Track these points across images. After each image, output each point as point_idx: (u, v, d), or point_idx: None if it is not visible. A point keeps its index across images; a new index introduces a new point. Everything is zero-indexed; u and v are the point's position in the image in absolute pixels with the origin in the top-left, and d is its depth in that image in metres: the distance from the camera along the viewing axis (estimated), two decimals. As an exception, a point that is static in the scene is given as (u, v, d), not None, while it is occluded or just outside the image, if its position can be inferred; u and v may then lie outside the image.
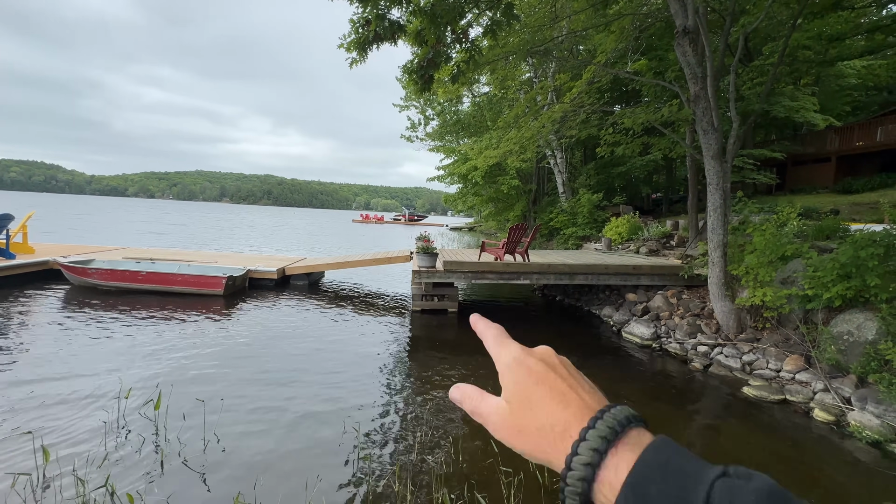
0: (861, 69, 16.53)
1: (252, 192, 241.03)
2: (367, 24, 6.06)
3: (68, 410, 4.05)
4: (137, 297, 8.50)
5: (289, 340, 6.50)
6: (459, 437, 3.91)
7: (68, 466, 3.22)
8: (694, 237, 10.27)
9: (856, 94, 17.34)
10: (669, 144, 10.98)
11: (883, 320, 4.86)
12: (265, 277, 10.20)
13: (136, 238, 20.83)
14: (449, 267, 8.21)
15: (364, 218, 68.85)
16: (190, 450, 3.54)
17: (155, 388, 4.52)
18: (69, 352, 5.50)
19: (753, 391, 5.29)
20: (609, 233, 12.86)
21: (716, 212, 6.64)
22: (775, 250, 6.29)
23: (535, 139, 12.23)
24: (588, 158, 18.97)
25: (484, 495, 3.07)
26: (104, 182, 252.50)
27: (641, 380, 5.68)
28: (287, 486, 3.15)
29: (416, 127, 22.37)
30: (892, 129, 14.06)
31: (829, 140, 15.73)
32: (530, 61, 14.59)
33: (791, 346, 5.85)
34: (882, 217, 9.15)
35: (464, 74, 7.34)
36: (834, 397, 4.85)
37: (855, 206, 11.95)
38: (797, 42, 11.32)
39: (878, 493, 3.48)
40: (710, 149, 6.61)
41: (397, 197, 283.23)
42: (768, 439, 4.26)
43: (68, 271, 8.97)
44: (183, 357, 5.54)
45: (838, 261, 5.20)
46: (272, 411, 4.27)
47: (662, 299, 8.08)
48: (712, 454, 3.98)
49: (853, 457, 3.99)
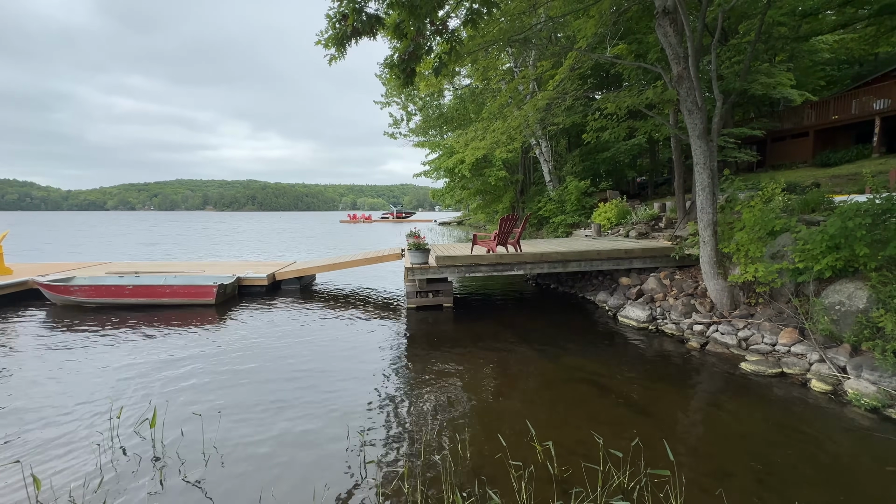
0: (833, 43, 16.81)
1: (236, 199, 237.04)
2: (343, 19, 5.91)
3: (58, 435, 3.89)
4: (125, 312, 8.26)
5: (284, 347, 6.37)
6: (466, 434, 3.87)
7: (63, 492, 3.09)
8: (682, 218, 10.37)
9: (829, 68, 17.65)
10: (654, 127, 11.03)
11: (873, 288, 4.95)
12: (256, 284, 10.01)
13: (120, 252, 20.31)
14: (442, 262, 8.14)
15: (352, 218, 68.28)
16: (189, 466, 3.44)
17: (149, 405, 4.39)
18: (55, 374, 5.30)
19: (751, 366, 5.35)
20: (598, 218, 12.92)
21: (704, 191, 6.68)
22: (764, 226, 6.36)
23: (521, 128, 12.17)
24: (573, 146, 19.01)
25: (495, 490, 3.04)
26: (81, 197, 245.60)
27: (640, 362, 5.71)
28: (294, 497, 3.07)
29: (399, 123, 22.13)
30: (866, 101, 14.36)
31: (805, 115, 16.01)
32: (510, 51, 14.50)
33: (785, 319, 5.94)
34: (863, 187, 9.34)
35: (446, 66, 7.21)
36: (830, 367, 4.93)
37: (834, 178, 12.19)
38: (772, 19, 11.43)
39: (879, 457, 3.54)
40: (695, 129, 6.63)
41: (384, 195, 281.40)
42: (768, 412, 4.31)
43: (49, 290, 8.68)
44: (176, 371, 5.38)
45: (827, 232, 5.27)
46: (272, 421, 4.17)
47: (656, 281, 8.13)
48: (714, 429, 4.01)
49: (853, 424, 4.06)
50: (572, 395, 4.76)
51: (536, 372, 5.39)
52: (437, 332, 7.15)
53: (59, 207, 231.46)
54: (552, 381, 5.12)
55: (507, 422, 4.13)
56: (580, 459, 3.46)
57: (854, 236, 5.04)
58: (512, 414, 4.29)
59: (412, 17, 5.53)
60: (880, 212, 5.11)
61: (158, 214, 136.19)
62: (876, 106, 13.93)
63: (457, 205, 24.59)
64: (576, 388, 4.91)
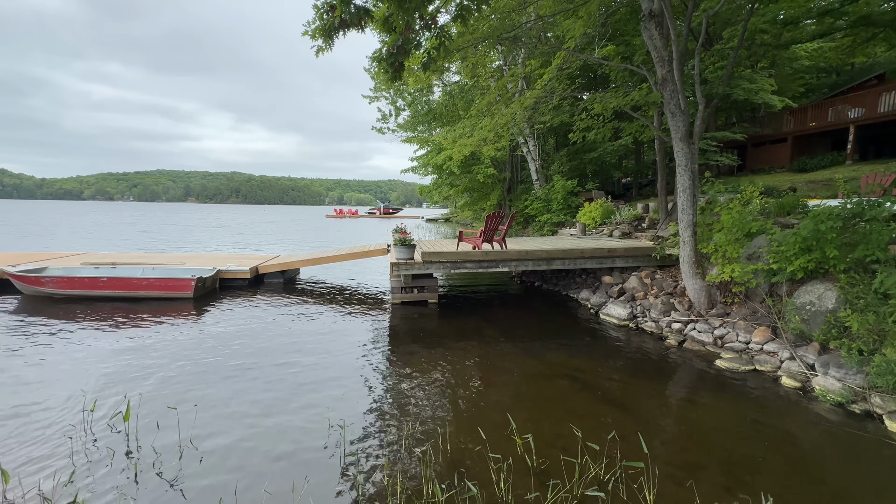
0: (813, 52, 17.32)
1: (219, 191, 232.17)
2: (331, 10, 5.84)
3: (28, 429, 3.78)
4: (99, 304, 8.03)
5: (264, 340, 6.30)
6: (447, 428, 3.90)
7: (32, 487, 3.01)
8: (664, 219, 10.57)
9: (808, 76, 18.18)
10: (639, 128, 11.21)
11: (841, 289, 5.14)
12: (237, 277, 9.85)
13: (99, 242, 19.71)
14: (427, 258, 8.14)
15: (338, 213, 67.63)
16: (165, 460, 3.38)
17: (122, 399, 4.29)
18: (24, 368, 5.14)
19: (725, 363, 5.51)
20: (583, 218, 13.08)
21: (685, 192, 6.82)
22: (741, 228, 6.54)
23: (508, 126, 12.22)
24: (560, 145, 19.17)
25: (474, 482, 3.07)
26: (57, 185, 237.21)
27: (620, 358, 5.82)
28: (272, 489, 3.05)
29: (388, 118, 21.99)
30: (841, 109, 14.84)
31: (785, 121, 16.47)
32: (500, 48, 14.53)
33: (759, 318, 6.12)
34: (836, 192, 9.67)
35: (435, 62, 7.20)
36: (799, 364, 5.11)
37: (810, 183, 12.58)
38: (755, 26, 11.71)
39: (844, 448, 3.69)
40: (678, 131, 6.76)
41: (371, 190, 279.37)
42: (740, 407, 4.45)
43: (19, 281, 8.38)
44: (151, 365, 5.27)
45: (800, 235, 5.45)
46: (250, 414, 4.13)
47: (637, 280, 8.29)
48: (688, 423, 4.12)
49: (819, 418, 4.22)
50: (553, 390, 4.83)
51: (518, 367, 5.45)
52: (421, 328, 7.15)
53: (33, 196, 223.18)
54: (534, 377, 5.18)
55: (488, 416, 4.17)
56: (559, 452, 3.52)
57: (825, 239, 5.22)
58: (493, 408, 4.34)
59: (401, 10, 5.50)
60: (850, 216, 5.31)
61: (138, 205, 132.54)
62: (851, 114, 14.41)
63: (444, 201, 24.59)
64: (557, 384, 4.99)
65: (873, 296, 4.76)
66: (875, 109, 13.76)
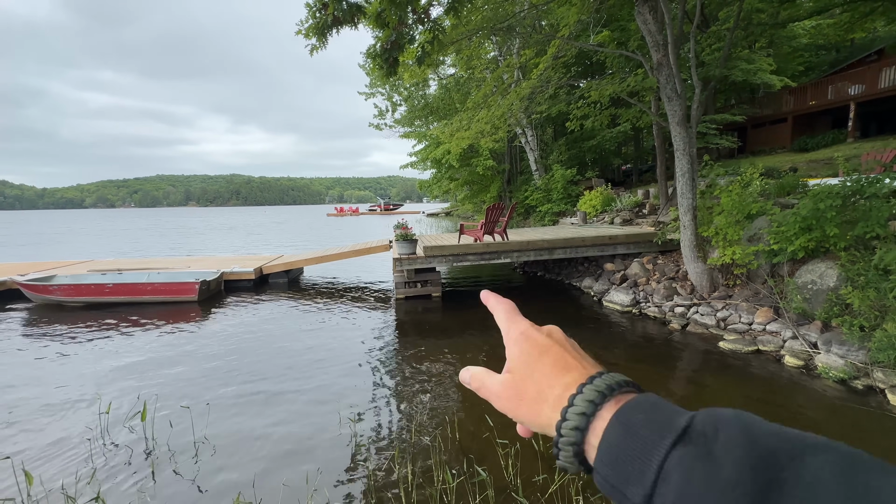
0: (811, 29, 17.10)
1: (219, 194, 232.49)
2: (324, 8, 5.84)
3: (48, 432, 3.89)
4: (107, 310, 8.14)
5: (272, 339, 6.39)
6: (455, 416, 3.97)
7: (56, 485, 3.10)
8: (665, 204, 10.57)
9: (807, 54, 17.98)
10: (637, 114, 11.16)
11: (842, 267, 5.16)
12: (242, 279, 9.94)
13: (105, 250, 19.87)
14: (429, 252, 8.19)
15: (339, 211, 67.64)
16: (181, 457, 3.47)
17: (137, 401, 4.39)
18: (39, 373, 5.25)
19: (729, 345, 5.56)
20: (583, 206, 13.08)
21: (684, 177, 6.83)
22: (741, 210, 6.54)
23: (505, 117, 12.19)
24: (559, 135, 19.10)
25: (483, 468, 3.14)
26: (58, 194, 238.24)
27: (624, 344, 5.88)
28: (287, 482, 3.13)
29: (384, 114, 21.91)
30: (842, 86, 14.71)
31: (784, 101, 16.33)
32: (494, 39, 14.44)
33: (761, 299, 6.15)
34: (837, 171, 9.63)
35: (429, 56, 7.19)
36: (802, 343, 5.15)
37: (811, 162, 12.52)
38: (751, 5, 11.57)
39: (847, 423, 3.75)
40: (675, 115, 6.75)
41: (370, 187, 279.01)
42: (745, 387, 4.50)
43: (28, 290, 8.50)
44: (161, 367, 5.37)
45: (800, 214, 5.46)
46: (262, 410, 4.22)
47: (639, 266, 8.32)
48: (693, 404, 4.15)
49: (822, 395, 4.27)
50: (558, 377, 4.89)
51: (523, 356, 5.50)
52: (426, 321, 7.22)
53: (35, 206, 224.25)
54: (539, 365, 5.24)
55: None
56: (565, 437, 3.58)
57: (825, 217, 5.23)
58: (499, 397, 4.40)
59: (393, 5, 5.49)
60: (850, 194, 5.31)
61: (141, 211, 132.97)
62: (851, 91, 14.28)
63: (444, 195, 24.55)
64: (561, 371, 5.04)
65: (874, 272, 4.78)
66: (876, 85, 13.63)
